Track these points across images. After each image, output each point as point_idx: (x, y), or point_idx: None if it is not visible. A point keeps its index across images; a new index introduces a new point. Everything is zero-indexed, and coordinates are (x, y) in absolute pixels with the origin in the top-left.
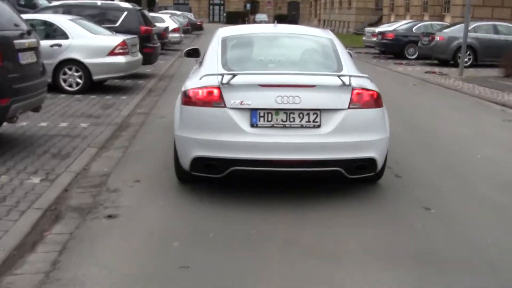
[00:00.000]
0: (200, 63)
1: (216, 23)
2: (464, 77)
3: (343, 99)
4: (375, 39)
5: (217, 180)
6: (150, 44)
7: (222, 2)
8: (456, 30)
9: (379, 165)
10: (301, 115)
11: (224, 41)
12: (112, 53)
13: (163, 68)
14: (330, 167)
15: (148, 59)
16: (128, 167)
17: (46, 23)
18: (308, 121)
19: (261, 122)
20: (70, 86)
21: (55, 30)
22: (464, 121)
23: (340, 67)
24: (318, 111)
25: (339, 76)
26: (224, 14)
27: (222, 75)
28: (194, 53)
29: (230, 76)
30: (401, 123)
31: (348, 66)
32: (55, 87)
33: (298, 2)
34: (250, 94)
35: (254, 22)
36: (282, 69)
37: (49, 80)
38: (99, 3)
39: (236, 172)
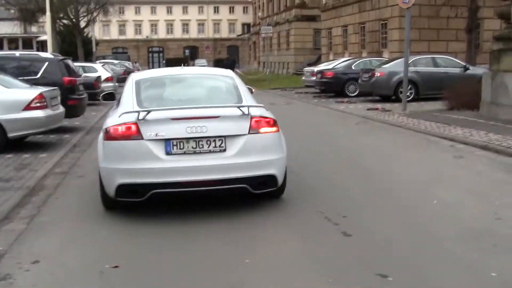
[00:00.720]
0: (117, 104)
1: None
2: (408, 112)
3: (244, 126)
4: (314, 78)
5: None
6: (75, 96)
7: (161, 49)
8: (396, 65)
9: (279, 180)
10: (208, 142)
11: (138, 83)
12: (28, 107)
13: (93, 120)
14: (237, 184)
15: (74, 111)
16: (28, 244)
17: None
18: (215, 146)
19: (175, 150)
20: None
21: None
22: (414, 161)
23: (240, 100)
24: (223, 138)
25: (239, 107)
26: (164, 61)
27: (138, 112)
28: (110, 97)
29: (145, 112)
30: (347, 167)
31: (247, 99)
32: None
33: (237, 46)
34: (164, 127)
35: (194, 65)
36: (190, 105)
37: None
38: (17, 54)
39: (156, 194)
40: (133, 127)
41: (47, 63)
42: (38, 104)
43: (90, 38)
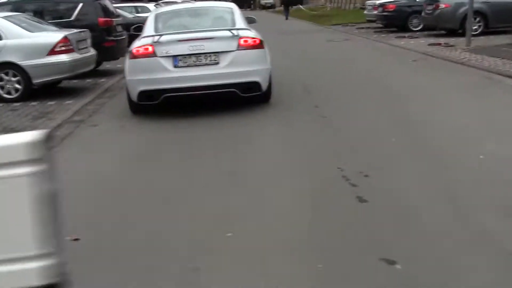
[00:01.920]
0: (142, 32)
1: None
2: (473, 47)
3: (233, 44)
4: (376, 12)
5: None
6: (111, 38)
7: None
8: None
9: (263, 86)
10: (205, 57)
11: (156, 16)
12: (52, 52)
13: None
14: (227, 89)
15: (111, 53)
16: None
17: None
18: (211, 60)
19: (180, 64)
20: (9, 93)
21: None
22: (467, 105)
23: (233, 25)
24: (217, 53)
25: (230, 30)
26: None
27: (153, 36)
28: (139, 29)
29: (159, 36)
30: (388, 112)
31: (239, 24)
32: None
33: None
34: (172, 47)
35: (260, 4)
36: (193, 30)
37: None
38: None
39: (167, 98)
40: (150, 48)
41: (81, 4)
42: (63, 48)
43: None
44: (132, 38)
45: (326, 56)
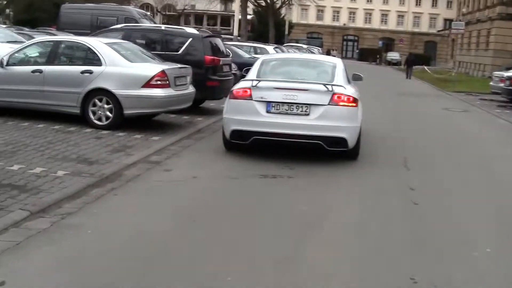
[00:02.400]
0: (247, 75)
1: (347, 59)
2: None
3: (325, 98)
4: (502, 84)
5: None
6: (215, 77)
7: (356, 38)
8: None
9: (350, 143)
10: (297, 107)
11: (262, 62)
12: (147, 84)
13: None
14: (314, 140)
15: (212, 93)
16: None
17: (80, 46)
18: (301, 110)
19: (273, 110)
20: (100, 120)
21: (89, 55)
22: None
23: (332, 80)
24: (308, 105)
25: (324, 84)
26: (357, 51)
27: (252, 80)
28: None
29: (257, 81)
30: (498, 214)
31: (339, 80)
32: (84, 120)
33: (435, 42)
34: (267, 93)
35: (385, 60)
36: (293, 80)
37: (77, 111)
38: (163, 27)
39: (256, 140)
40: (248, 91)
41: (190, 39)
42: (158, 82)
43: (284, 21)
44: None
45: (438, 127)
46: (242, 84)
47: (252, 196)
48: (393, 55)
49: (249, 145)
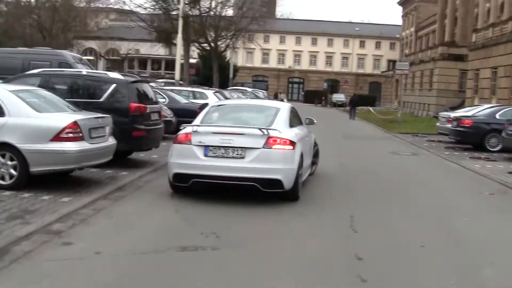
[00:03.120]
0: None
1: (293, 101)
2: None
3: (259, 142)
4: (449, 125)
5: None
6: (141, 126)
7: (301, 80)
8: None
9: (286, 185)
10: (233, 150)
11: (210, 108)
12: (57, 137)
13: None
14: (249, 182)
15: (139, 144)
16: None
17: None
18: (237, 154)
19: (210, 153)
20: (2, 178)
21: None
22: None
23: (271, 124)
24: (243, 148)
25: (260, 128)
26: (303, 93)
27: (193, 126)
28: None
29: (197, 126)
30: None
31: (278, 124)
32: None
33: (380, 82)
34: (206, 137)
35: (331, 102)
36: (233, 124)
37: None
38: (84, 72)
39: (196, 182)
40: (188, 136)
41: (114, 85)
42: (70, 135)
43: (229, 64)
44: (180, 123)
45: (387, 174)
46: (186, 129)
47: (163, 279)
48: (338, 97)
49: (191, 187)
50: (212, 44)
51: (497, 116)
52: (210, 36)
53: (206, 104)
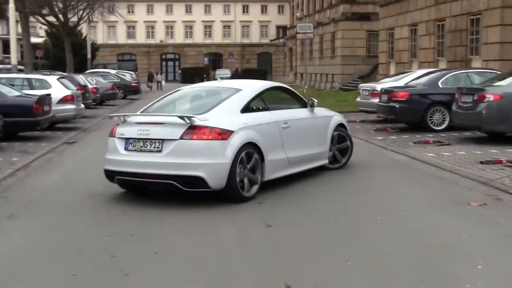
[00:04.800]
0: None
1: (169, 82)
2: None
3: (177, 132)
4: (375, 100)
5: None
6: None
7: (177, 56)
8: None
9: (211, 183)
10: (151, 143)
11: (168, 93)
12: None
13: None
14: (166, 180)
15: None
16: None
17: None
18: (155, 147)
19: (130, 147)
20: None
21: None
22: None
23: (208, 110)
24: (161, 140)
25: (181, 116)
26: (179, 71)
27: (124, 115)
28: None
29: (126, 117)
30: None
31: (219, 110)
32: None
33: (270, 53)
34: (127, 129)
35: (214, 79)
36: (156, 113)
37: None
38: None
39: (119, 180)
40: (115, 128)
41: None
42: None
43: (85, 42)
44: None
45: (310, 187)
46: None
47: None
48: (222, 73)
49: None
50: (61, 17)
51: (440, 84)
52: (56, 7)
53: (48, 95)
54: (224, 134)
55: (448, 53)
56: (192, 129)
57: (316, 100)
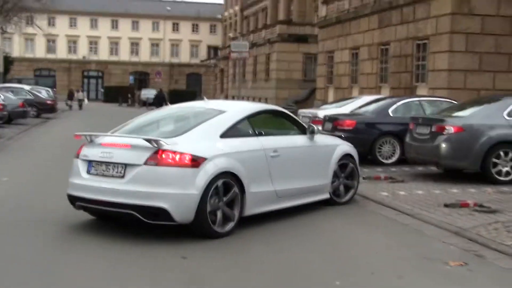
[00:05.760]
0: None
1: (91, 101)
2: None
3: (142, 157)
4: (320, 128)
5: None
6: None
7: (100, 74)
8: (485, 112)
9: (176, 216)
10: (114, 167)
11: (144, 115)
12: None
13: None
14: (127, 210)
15: None
16: None
17: None
18: (117, 172)
19: (92, 170)
20: None
21: None
22: None
23: (183, 132)
24: (123, 165)
25: (147, 139)
26: (102, 89)
27: (91, 135)
28: None
29: (94, 137)
30: None
31: (195, 133)
32: None
33: (199, 74)
34: (92, 150)
35: (139, 100)
36: (118, 134)
37: None
38: None
39: (80, 206)
40: (81, 148)
41: None
42: None
43: None
44: None
45: None
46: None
47: None
48: (148, 93)
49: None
50: None
51: (390, 112)
52: None
53: None
54: (195, 161)
55: (392, 79)
56: (159, 154)
57: (316, 127)
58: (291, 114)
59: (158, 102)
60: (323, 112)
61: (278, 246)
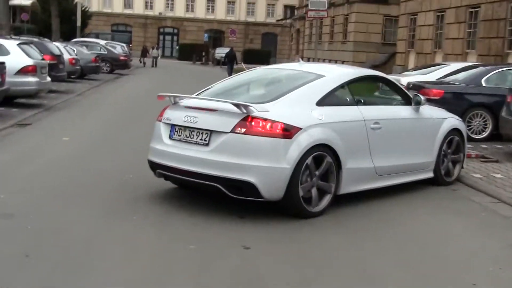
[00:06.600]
0: None
1: (165, 58)
2: None
3: (229, 123)
4: None
5: None
6: None
7: (175, 31)
8: None
9: (265, 192)
10: (198, 133)
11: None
12: None
13: None
14: (210, 182)
15: None
16: None
17: None
18: (201, 139)
19: (175, 136)
20: None
21: None
22: None
23: (275, 98)
24: (209, 132)
25: (236, 104)
26: (177, 47)
27: (177, 96)
28: None
29: (177, 97)
30: None
31: (288, 99)
32: None
33: (275, 34)
34: (175, 113)
35: (214, 58)
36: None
37: None
38: None
39: (161, 174)
40: (163, 111)
41: None
42: None
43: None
44: None
45: None
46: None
47: None
48: (223, 52)
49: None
50: None
51: (483, 82)
52: None
53: (1, 64)
54: (287, 131)
55: (481, 45)
56: (248, 121)
57: (423, 97)
58: (395, 82)
59: (229, 61)
60: (406, 79)
61: (351, 239)
